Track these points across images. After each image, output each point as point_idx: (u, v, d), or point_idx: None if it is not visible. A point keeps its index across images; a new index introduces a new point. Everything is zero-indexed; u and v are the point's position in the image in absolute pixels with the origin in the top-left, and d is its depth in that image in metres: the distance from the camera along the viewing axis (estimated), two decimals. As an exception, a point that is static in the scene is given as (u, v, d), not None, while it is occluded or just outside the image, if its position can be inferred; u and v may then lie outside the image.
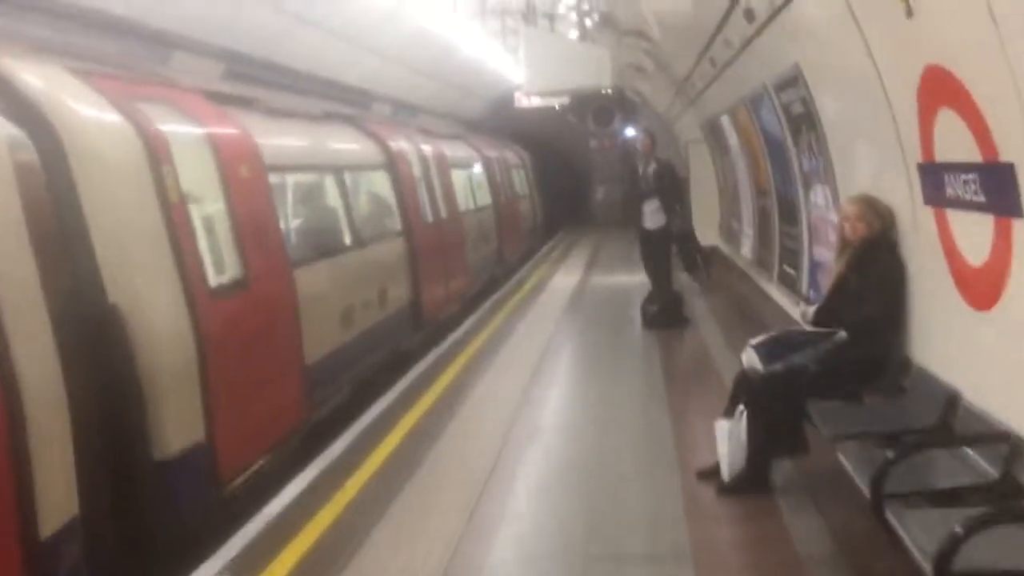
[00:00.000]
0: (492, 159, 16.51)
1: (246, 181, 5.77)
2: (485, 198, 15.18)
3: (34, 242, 3.66)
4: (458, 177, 13.05)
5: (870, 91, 4.60)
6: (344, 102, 10.43)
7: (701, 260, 10.48)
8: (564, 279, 14.52)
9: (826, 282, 5.61)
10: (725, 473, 4.70)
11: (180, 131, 5.20)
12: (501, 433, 6.07)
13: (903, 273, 4.70)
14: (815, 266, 7.08)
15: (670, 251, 9.87)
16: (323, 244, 7.34)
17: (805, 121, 6.58)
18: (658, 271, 9.83)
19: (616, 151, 25.92)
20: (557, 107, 20.80)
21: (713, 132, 12.71)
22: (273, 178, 6.32)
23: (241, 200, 5.62)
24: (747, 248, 11.30)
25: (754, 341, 4.83)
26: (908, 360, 4.65)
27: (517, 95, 16.35)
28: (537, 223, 20.68)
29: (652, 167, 9.42)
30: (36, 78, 4.35)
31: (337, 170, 8.03)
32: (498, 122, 21.33)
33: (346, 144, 8.72)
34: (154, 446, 4.30)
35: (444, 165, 12.04)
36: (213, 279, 5.09)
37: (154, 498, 4.28)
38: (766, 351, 4.71)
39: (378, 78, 11.73)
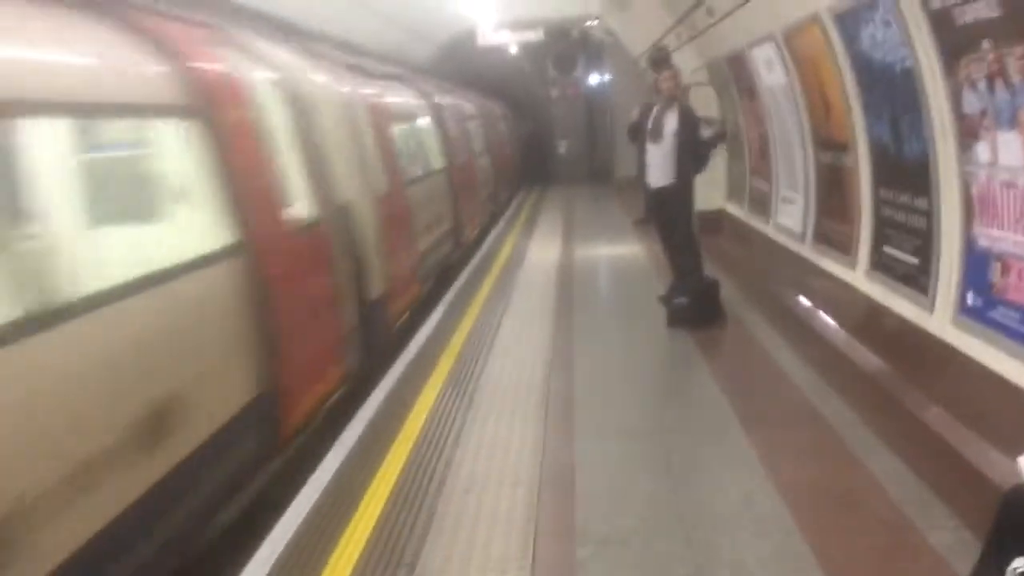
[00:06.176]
0: (486, 113, 18.96)
1: (385, 127, 8.53)
2: (483, 145, 17.41)
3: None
4: (470, 127, 15.71)
5: None
6: (267, 36, 7.43)
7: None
8: (542, 252, 12.12)
9: (1012, 285, 3.80)
10: None
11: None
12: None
13: None
14: (980, 257, 4.50)
15: (691, 215, 7.72)
16: (412, 174, 10.06)
17: (993, 30, 3.84)
18: (677, 246, 7.73)
19: (580, 101, 25.19)
20: (515, 50, 19.71)
21: (732, 71, 9.92)
22: (395, 126, 9.07)
23: (385, 139, 8.36)
24: (792, 218, 8.41)
25: None
26: None
27: (481, 31, 14.19)
28: (517, 170, 23.24)
29: (675, 113, 7.59)
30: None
31: (411, 119, 10.76)
32: (449, 69, 19.07)
33: (410, 99, 11.42)
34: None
35: (463, 117, 14.75)
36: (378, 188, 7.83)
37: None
38: None
39: (311, 9, 10.14)
